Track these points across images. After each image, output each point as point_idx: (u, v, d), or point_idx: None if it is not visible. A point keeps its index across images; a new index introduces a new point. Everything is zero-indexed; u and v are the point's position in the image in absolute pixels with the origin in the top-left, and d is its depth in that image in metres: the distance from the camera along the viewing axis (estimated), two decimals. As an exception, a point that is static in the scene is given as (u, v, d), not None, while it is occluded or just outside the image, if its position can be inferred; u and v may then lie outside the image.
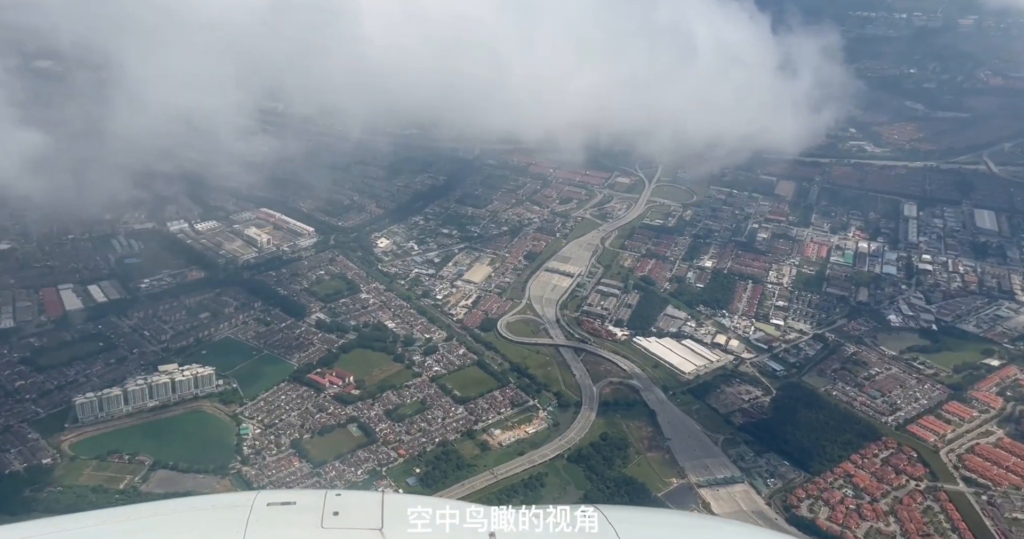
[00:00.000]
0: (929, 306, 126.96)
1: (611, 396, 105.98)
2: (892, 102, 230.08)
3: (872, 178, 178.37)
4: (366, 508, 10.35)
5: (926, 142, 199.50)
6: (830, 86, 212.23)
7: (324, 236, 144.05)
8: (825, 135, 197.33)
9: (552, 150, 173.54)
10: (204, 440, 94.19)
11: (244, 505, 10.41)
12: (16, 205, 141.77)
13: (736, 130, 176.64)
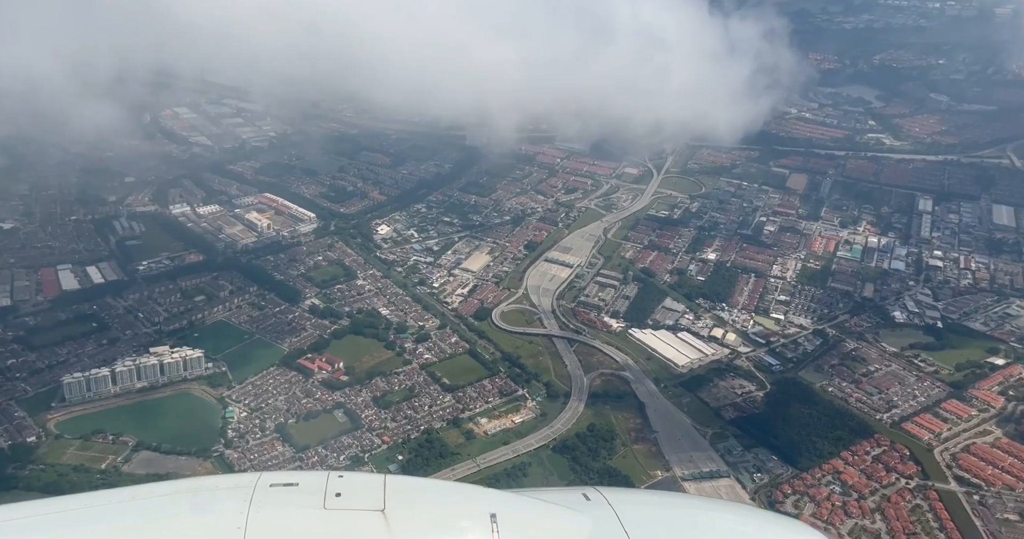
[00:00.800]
0: (936, 303, 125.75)
1: (601, 387, 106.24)
2: (916, 93, 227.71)
3: (888, 172, 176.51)
4: (368, 489, 10.65)
5: (948, 135, 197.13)
6: (777, 72, 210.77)
7: (325, 222, 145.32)
8: (768, 121, 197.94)
9: (492, 130, 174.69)
10: (189, 422, 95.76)
11: (247, 486, 10.64)
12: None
13: (673, 115, 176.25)
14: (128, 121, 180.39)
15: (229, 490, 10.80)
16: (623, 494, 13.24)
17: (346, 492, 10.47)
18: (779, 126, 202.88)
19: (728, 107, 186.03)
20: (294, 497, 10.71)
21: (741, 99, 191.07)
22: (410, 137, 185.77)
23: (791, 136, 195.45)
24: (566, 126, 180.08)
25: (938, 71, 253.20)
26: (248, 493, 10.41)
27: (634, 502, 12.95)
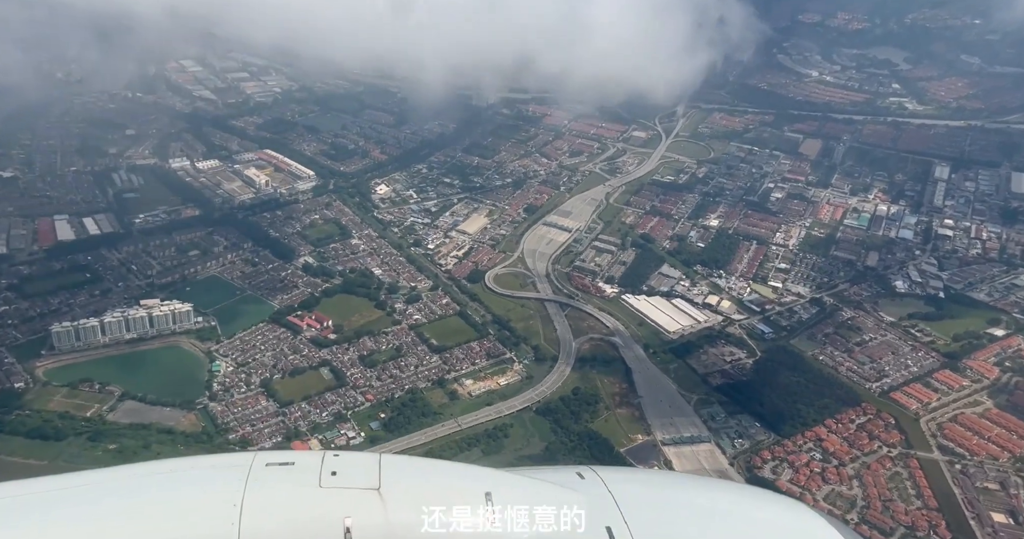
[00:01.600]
0: (941, 273, 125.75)
1: (589, 352, 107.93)
2: (946, 55, 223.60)
3: (907, 137, 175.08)
4: (364, 468, 10.79)
5: (975, 99, 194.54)
6: (726, 27, 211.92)
7: (324, 180, 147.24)
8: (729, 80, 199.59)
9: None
10: (176, 374, 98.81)
11: (243, 465, 10.85)
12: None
13: (608, 70, 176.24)
14: (133, 72, 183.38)
15: (225, 469, 11.17)
16: (617, 473, 13.84)
17: (341, 471, 10.73)
18: (797, 89, 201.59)
19: (670, 62, 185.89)
20: (290, 476, 10.90)
21: (684, 55, 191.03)
22: (415, 96, 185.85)
23: (809, 100, 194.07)
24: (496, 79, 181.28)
25: (973, 31, 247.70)
26: (244, 472, 10.68)
27: (628, 481, 13.43)
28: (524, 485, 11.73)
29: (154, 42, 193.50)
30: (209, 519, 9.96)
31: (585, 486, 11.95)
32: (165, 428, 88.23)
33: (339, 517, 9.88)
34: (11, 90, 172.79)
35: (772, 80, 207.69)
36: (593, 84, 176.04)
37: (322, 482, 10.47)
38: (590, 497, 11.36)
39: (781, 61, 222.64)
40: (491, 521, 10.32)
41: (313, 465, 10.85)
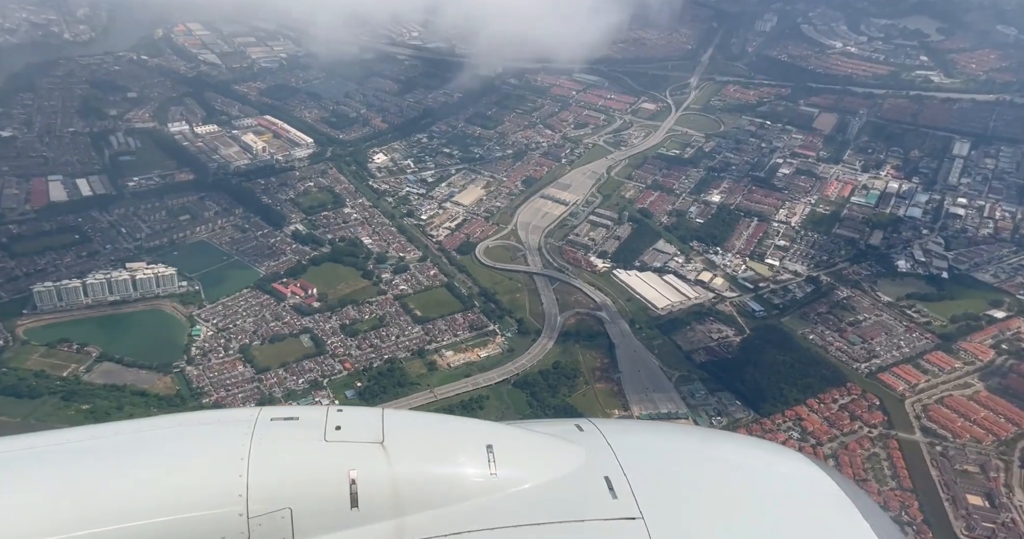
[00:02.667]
0: (946, 252, 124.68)
1: (574, 326, 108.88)
2: (981, 25, 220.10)
3: (929, 112, 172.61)
4: (367, 422, 11.03)
5: (1007, 72, 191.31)
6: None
7: (322, 148, 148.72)
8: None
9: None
10: (156, 337, 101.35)
11: (248, 420, 11.06)
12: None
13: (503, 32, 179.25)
14: (140, 35, 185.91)
15: (231, 423, 11.35)
16: (616, 424, 15.17)
17: (345, 425, 10.97)
18: (818, 61, 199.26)
19: (576, 22, 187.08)
20: (295, 430, 11.08)
21: (587, 18, 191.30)
22: (422, 64, 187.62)
23: (829, 72, 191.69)
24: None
25: (1013, 1, 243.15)
26: (250, 427, 10.90)
27: (626, 432, 13.76)
28: (524, 437, 12.12)
29: (163, 5, 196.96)
30: (217, 472, 10.29)
31: (584, 438, 12.21)
32: (139, 390, 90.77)
33: (344, 469, 10.28)
34: (17, 49, 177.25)
35: (793, 52, 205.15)
36: (501, 42, 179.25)
37: (327, 436, 10.75)
38: (588, 448, 11.73)
39: (805, 32, 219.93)
40: (492, 472, 10.71)
41: (318, 419, 11.12)
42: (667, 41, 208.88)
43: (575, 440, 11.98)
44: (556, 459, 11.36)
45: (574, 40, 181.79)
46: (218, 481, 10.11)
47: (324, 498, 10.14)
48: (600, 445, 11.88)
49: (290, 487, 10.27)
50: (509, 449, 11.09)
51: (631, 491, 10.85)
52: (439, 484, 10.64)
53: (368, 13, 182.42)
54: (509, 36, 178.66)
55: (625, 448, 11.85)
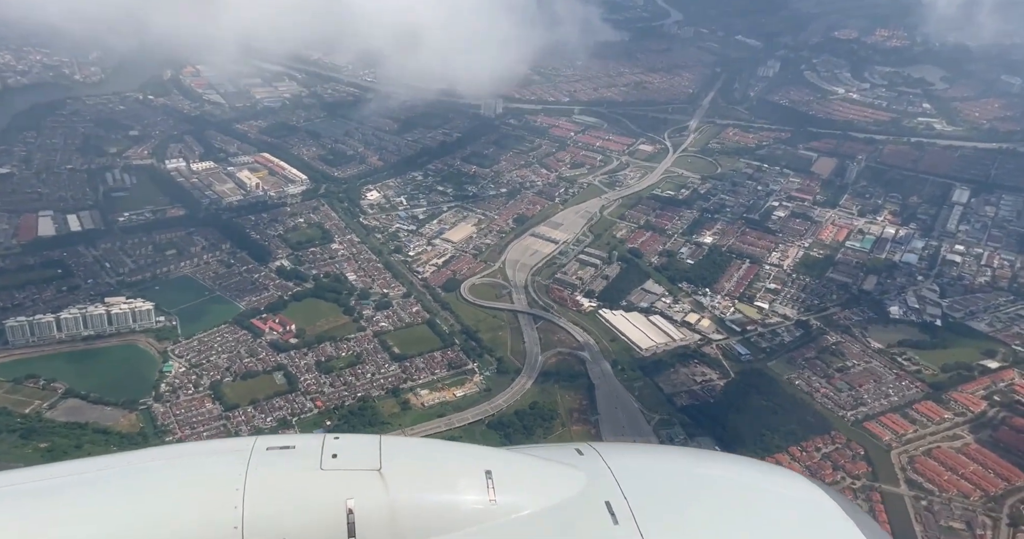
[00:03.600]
0: (941, 300, 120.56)
1: (555, 366, 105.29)
2: (986, 75, 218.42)
3: (930, 159, 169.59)
4: (364, 450, 10.96)
5: (1010, 122, 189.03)
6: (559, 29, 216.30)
7: (316, 185, 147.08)
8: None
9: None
10: (126, 373, 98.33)
11: (243, 450, 10.98)
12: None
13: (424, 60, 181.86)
14: (149, 76, 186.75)
15: (226, 453, 11.23)
16: (616, 448, 13.84)
17: (342, 453, 10.85)
18: (820, 107, 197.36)
19: (483, 57, 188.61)
20: (291, 459, 10.97)
21: (501, 50, 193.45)
22: (423, 104, 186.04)
23: (830, 118, 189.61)
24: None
25: (1019, 51, 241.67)
26: (245, 456, 10.76)
27: (626, 455, 13.43)
28: (523, 462, 11.95)
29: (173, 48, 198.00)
30: (212, 503, 10.03)
31: (584, 462, 12.11)
32: (101, 428, 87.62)
33: (341, 499, 10.05)
34: (27, 90, 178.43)
35: (794, 97, 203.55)
36: (409, 72, 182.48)
37: (323, 464, 10.61)
38: (589, 473, 11.60)
39: (807, 78, 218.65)
40: (491, 499, 10.52)
41: (314, 448, 10.98)
42: (669, 85, 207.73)
43: (575, 464, 11.91)
44: (556, 484, 11.27)
45: (484, 72, 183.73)
46: (213, 513, 9.88)
47: (321, 529, 9.91)
48: (600, 469, 11.82)
49: (286, 518, 10.09)
50: (508, 475, 10.95)
51: (632, 516, 10.79)
52: (438, 511, 10.47)
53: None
54: (417, 66, 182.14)
55: (626, 472, 11.79)
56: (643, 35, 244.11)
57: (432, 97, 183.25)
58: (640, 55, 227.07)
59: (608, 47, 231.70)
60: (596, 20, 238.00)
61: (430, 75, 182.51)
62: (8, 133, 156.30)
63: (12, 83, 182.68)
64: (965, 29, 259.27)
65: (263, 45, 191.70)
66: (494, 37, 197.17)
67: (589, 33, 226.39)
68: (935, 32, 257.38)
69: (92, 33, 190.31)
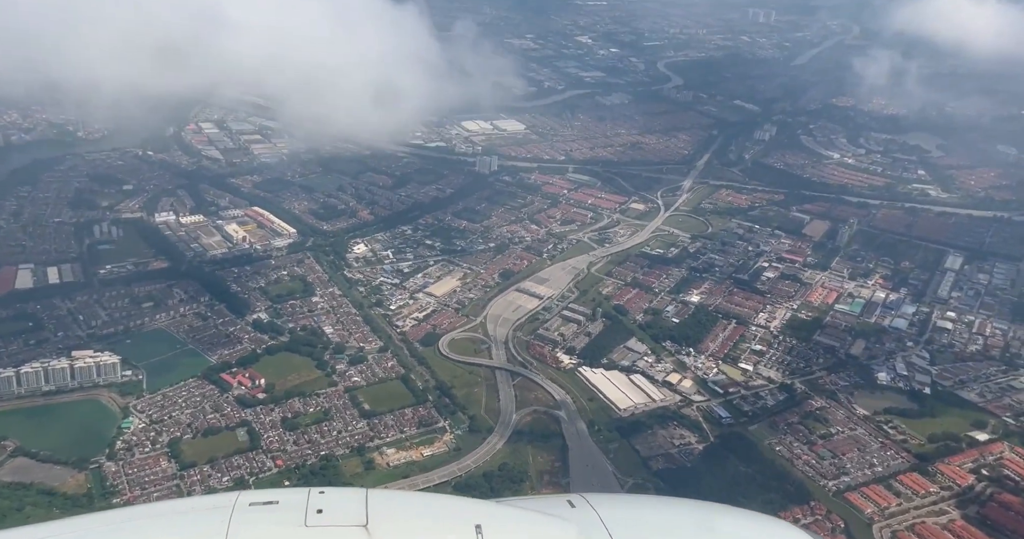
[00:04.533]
0: (930, 367, 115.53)
1: (529, 425, 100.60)
2: (982, 144, 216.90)
3: (923, 224, 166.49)
4: (350, 505, 10.63)
5: (1006, 191, 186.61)
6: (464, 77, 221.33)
7: (304, 238, 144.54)
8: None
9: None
10: (83, 430, 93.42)
11: (226, 506, 10.58)
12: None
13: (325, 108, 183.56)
14: (151, 132, 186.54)
15: (207, 511, 10.86)
16: (608, 499, 13.69)
17: (327, 508, 10.54)
18: (815, 170, 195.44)
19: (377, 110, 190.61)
20: (274, 515, 10.60)
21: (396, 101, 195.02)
22: (420, 161, 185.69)
23: (824, 181, 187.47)
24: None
25: (1016, 122, 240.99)
26: (227, 513, 10.34)
27: (619, 506, 13.26)
28: (514, 516, 11.72)
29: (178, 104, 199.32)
30: None
31: (576, 514, 11.88)
32: (47, 489, 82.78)
33: None
34: (29, 146, 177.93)
35: (790, 160, 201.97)
36: (310, 118, 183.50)
37: (307, 520, 10.34)
38: (581, 525, 11.37)
39: (804, 142, 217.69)
40: None
41: (298, 503, 10.70)
42: (665, 146, 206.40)
43: (567, 517, 11.64)
44: (548, 537, 10.98)
45: (379, 122, 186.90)
46: None
47: None
48: (593, 522, 11.57)
49: None
50: (499, 529, 10.66)
51: None
52: None
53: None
54: (313, 115, 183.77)
55: (619, 524, 11.53)
56: (642, 98, 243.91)
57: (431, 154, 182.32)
58: (638, 117, 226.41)
59: (607, 109, 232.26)
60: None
61: (332, 121, 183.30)
62: (3, 187, 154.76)
63: (15, 140, 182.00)
64: (961, 99, 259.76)
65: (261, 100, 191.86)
66: (398, 86, 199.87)
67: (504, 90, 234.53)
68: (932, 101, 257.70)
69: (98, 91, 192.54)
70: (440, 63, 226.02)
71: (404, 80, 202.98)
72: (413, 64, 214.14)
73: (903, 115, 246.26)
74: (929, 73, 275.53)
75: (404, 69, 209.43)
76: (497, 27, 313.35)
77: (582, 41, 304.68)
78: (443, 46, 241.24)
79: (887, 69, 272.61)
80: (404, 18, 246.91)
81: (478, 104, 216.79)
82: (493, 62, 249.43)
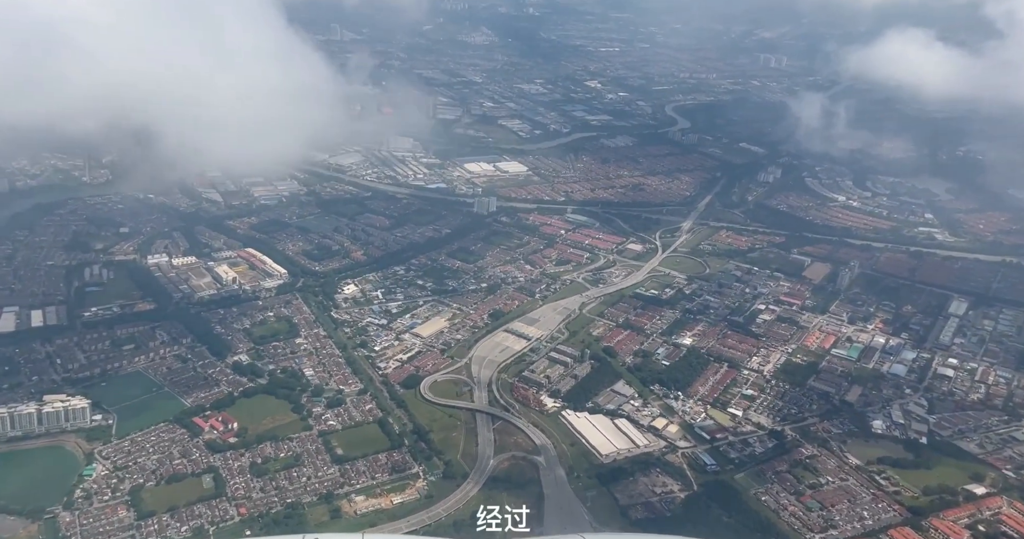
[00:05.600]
0: (929, 415, 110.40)
1: (506, 471, 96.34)
2: (993, 188, 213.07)
3: (928, 269, 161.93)
4: None
5: (1016, 235, 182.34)
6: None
7: (295, 279, 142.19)
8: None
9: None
10: (43, 478, 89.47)
11: None
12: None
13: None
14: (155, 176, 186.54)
15: None
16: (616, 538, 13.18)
17: None
18: (818, 213, 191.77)
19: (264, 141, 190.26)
20: None
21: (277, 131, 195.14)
22: (419, 202, 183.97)
23: (828, 224, 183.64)
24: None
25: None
26: None
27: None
28: None
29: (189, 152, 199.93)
30: None
31: None
32: (-4, 542, 79.78)
33: None
34: (34, 191, 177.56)
35: (793, 202, 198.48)
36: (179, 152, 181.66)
37: None
38: None
39: (808, 184, 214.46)
40: None
41: None
42: (667, 187, 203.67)
43: None
44: None
45: (259, 154, 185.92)
46: None
47: None
48: None
49: None
50: None
51: None
52: None
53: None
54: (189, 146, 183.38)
55: None
56: (647, 141, 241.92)
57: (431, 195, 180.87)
58: (642, 159, 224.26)
59: (611, 151, 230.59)
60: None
61: (207, 152, 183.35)
62: (2, 231, 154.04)
63: (20, 186, 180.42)
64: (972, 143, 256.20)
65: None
66: (282, 118, 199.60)
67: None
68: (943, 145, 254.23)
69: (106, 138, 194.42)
70: (336, 96, 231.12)
71: (289, 112, 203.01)
72: (303, 97, 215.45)
73: (912, 158, 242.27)
74: (926, 118, 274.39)
75: (291, 101, 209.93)
76: (507, 73, 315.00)
77: (591, 85, 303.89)
78: (348, 79, 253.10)
79: (892, 113, 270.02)
80: (300, 51, 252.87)
81: (380, 133, 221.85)
82: (402, 94, 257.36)
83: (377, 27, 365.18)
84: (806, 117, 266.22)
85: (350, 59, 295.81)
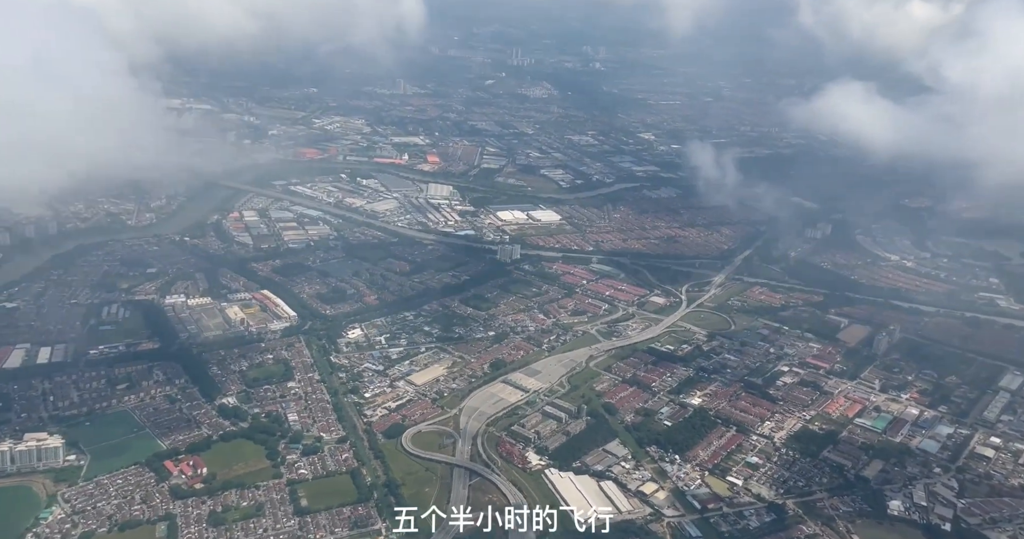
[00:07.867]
0: (957, 500, 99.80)
1: (473, 533, 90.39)
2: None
3: (983, 337, 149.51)
4: None
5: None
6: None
7: (303, 322, 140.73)
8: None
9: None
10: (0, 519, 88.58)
11: None
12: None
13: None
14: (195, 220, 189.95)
15: None
16: None
17: None
18: (865, 272, 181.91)
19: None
20: None
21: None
22: (444, 248, 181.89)
23: (874, 284, 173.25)
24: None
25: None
26: None
27: None
28: None
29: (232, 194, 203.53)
30: None
31: None
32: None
33: None
34: (79, 233, 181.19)
35: (839, 260, 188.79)
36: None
37: None
38: None
39: (860, 242, 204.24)
40: None
41: None
42: (704, 240, 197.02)
43: None
44: None
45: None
46: None
47: None
48: None
49: None
50: None
51: None
52: None
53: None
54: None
55: None
56: (692, 193, 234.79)
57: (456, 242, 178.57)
58: (683, 211, 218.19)
59: (651, 202, 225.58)
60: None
61: None
62: (40, 271, 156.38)
63: (70, 227, 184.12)
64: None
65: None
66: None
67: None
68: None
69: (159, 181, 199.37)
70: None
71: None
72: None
73: (988, 219, 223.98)
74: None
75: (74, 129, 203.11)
76: (559, 124, 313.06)
77: (644, 138, 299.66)
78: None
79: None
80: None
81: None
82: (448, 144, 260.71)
83: (444, 82, 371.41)
84: (867, 173, 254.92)
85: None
